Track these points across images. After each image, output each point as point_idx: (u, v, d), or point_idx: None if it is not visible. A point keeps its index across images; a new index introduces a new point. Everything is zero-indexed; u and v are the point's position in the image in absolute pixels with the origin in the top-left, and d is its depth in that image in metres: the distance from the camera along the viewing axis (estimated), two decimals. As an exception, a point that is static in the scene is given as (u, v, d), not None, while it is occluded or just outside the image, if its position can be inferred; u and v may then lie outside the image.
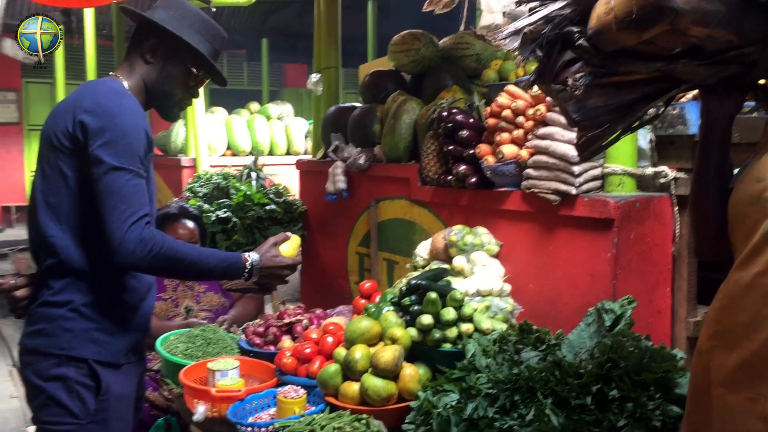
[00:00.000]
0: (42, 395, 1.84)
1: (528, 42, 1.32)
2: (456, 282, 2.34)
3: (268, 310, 3.37)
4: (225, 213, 4.06)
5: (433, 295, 2.09)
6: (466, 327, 2.08)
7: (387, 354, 1.99)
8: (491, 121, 2.61)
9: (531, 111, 2.43)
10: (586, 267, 2.27)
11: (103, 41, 7.83)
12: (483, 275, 2.42)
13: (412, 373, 2.01)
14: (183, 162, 5.81)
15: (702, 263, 2.26)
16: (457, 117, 2.71)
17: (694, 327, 2.28)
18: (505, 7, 3.13)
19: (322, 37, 4.34)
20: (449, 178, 2.78)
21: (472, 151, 2.63)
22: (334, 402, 2.03)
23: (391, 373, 1.98)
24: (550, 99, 2.06)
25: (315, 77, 4.28)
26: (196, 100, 2.15)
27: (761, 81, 1.27)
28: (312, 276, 4.22)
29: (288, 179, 4.81)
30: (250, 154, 6.13)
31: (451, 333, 2.07)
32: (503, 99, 2.57)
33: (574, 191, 2.28)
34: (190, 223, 3.19)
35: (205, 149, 5.57)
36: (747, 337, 1.13)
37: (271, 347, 2.51)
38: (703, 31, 1.10)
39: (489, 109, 2.63)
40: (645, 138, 2.38)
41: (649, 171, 2.33)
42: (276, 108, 6.91)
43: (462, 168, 2.68)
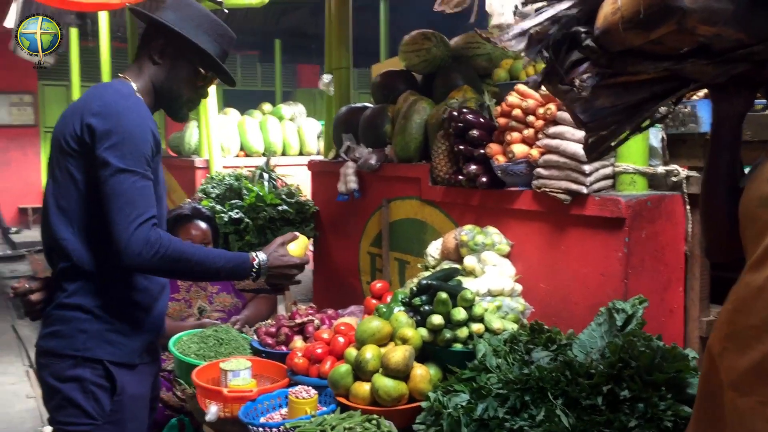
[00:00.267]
0: (58, 396, 1.87)
1: (534, 43, 1.31)
2: (467, 282, 2.34)
3: (280, 310, 3.38)
4: (237, 214, 4.08)
5: (444, 295, 2.09)
6: (476, 327, 2.08)
7: (397, 354, 1.99)
8: (502, 121, 2.61)
9: (541, 110, 2.42)
10: (597, 266, 2.26)
11: (118, 43, 7.89)
12: (494, 275, 2.41)
13: (422, 374, 2.01)
14: (196, 163, 5.84)
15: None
16: (468, 116, 2.71)
17: (707, 326, 2.25)
18: (515, 7, 3.12)
19: (333, 38, 4.34)
20: (460, 177, 2.78)
21: (482, 151, 2.63)
22: (345, 402, 2.04)
23: (402, 374, 1.98)
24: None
25: (327, 78, 4.28)
26: (207, 100, 2.16)
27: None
28: (324, 276, 4.23)
29: (301, 180, 4.82)
30: (262, 155, 6.15)
31: (462, 333, 2.06)
32: (513, 98, 2.56)
33: (585, 190, 2.27)
34: (203, 224, 3.21)
35: (218, 150, 5.60)
36: (759, 340, 1.12)
37: (283, 347, 2.52)
38: (711, 30, 1.09)
39: (499, 109, 2.63)
40: (656, 136, 2.36)
41: (661, 169, 2.31)
42: (288, 109, 6.93)
43: (473, 168, 2.68)
